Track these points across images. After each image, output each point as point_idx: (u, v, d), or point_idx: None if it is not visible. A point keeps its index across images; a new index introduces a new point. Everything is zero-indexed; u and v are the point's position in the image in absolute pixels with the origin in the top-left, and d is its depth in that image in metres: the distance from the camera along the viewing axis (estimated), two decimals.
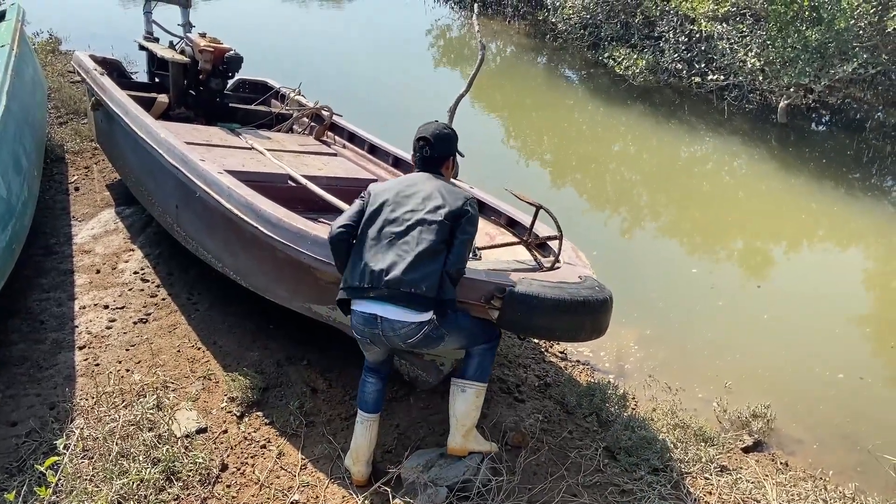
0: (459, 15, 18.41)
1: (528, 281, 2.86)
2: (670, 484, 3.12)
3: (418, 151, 3.06)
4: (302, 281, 3.38)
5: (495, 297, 2.80)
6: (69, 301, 4.29)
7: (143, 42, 6.10)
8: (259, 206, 3.32)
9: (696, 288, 5.87)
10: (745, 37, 10.67)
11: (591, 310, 2.92)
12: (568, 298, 2.84)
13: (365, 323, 2.78)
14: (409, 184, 2.96)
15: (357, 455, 3.03)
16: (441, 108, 5.30)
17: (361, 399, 3.07)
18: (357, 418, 3.08)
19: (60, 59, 9.37)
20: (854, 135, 10.80)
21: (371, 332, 2.79)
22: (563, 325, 2.90)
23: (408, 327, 2.72)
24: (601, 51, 13.31)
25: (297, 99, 6.10)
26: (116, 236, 5.16)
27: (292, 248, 3.12)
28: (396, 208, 2.83)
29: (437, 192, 2.86)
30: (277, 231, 3.19)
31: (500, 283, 2.82)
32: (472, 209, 2.85)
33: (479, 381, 2.98)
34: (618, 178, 8.96)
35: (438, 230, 2.74)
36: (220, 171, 3.74)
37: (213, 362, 3.82)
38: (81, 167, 6.35)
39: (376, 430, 3.09)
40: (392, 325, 2.73)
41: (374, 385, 3.08)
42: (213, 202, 3.59)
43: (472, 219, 2.84)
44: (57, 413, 3.27)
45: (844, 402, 4.44)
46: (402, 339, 2.76)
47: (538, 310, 2.79)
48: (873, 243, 7.54)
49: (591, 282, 3.11)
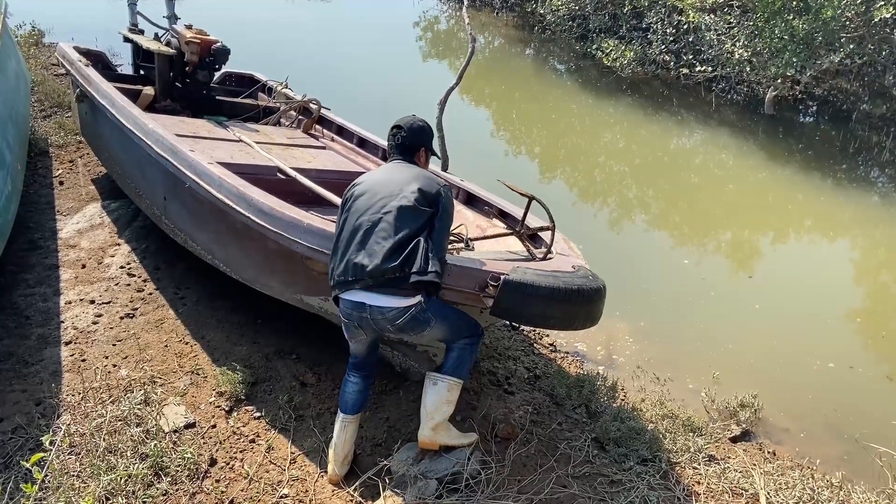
0: (447, 7, 18.36)
1: (522, 269, 2.86)
2: (659, 474, 3.13)
3: (391, 139, 3.12)
4: (293, 272, 3.37)
5: (489, 286, 2.80)
6: (55, 296, 4.25)
7: (127, 34, 6.04)
8: (251, 196, 3.30)
9: (687, 279, 5.90)
10: (732, 27, 10.70)
11: (585, 298, 2.94)
12: (563, 287, 2.85)
13: (353, 307, 2.79)
14: (384, 173, 3.00)
15: (333, 453, 3.03)
16: (429, 102, 5.27)
17: (342, 399, 3.07)
18: (337, 417, 3.07)
19: (44, 52, 9.27)
20: (841, 126, 10.86)
21: (359, 315, 2.80)
22: (557, 313, 2.91)
23: (395, 311, 2.74)
24: (589, 42, 13.32)
25: (285, 92, 6.06)
26: (102, 231, 5.11)
27: (285, 237, 3.11)
28: (373, 197, 2.85)
29: (412, 178, 2.90)
30: (270, 220, 3.17)
31: (495, 271, 2.83)
32: (445, 193, 2.90)
33: (453, 376, 2.97)
34: (607, 171, 8.97)
35: (417, 215, 2.78)
36: (210, 162, 3.71)
37: (201, 357, 3.80)
38: (66, 161, 6.29)
39: (354, 431, 3.07)
40: (381, 310, 2.75)
41: (356, 385, 3.06)
42: (204, 193, 3.56)
43: (448, 203, 2.88)
44: (43, 409, 3.24)
45: (832, 392, 4.47)
46: (390, 321, 2.77)
47: (533, 298, 2.80)
48: (860, 234, 7.59)
49: (585, 271, 3.13)
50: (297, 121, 5.90)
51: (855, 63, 10.41)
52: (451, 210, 2.92)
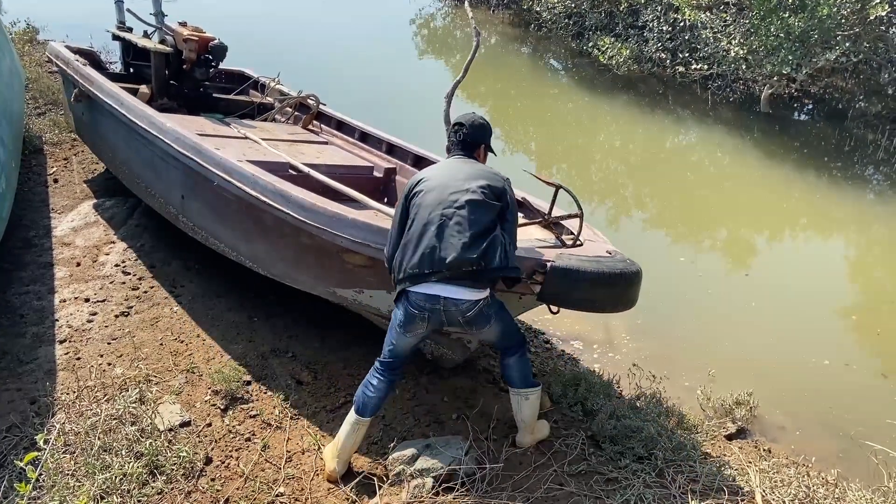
0: (443, 4, 18.33)
1: (566, 256, 2.98)
2: (655, 472, 3.13)
3: (454, 135, 3.13)
4: (327, 266, 3.40)
5: (537, 273, 2.89)
6: (49, 294, 4.23)
7: (116, 32, 6.00)
8: (290, 192, 3.33)
9: (683, 277, 5.90)
10: (728, 25, 10.70)
11: (626, 281, 3.05)
12: (606, 271, 2.96)
13: (427, 300, 2.82)
14: (449, 168, 3.01)
15: (338, 452, 2.99)
16: (426, 98, 5.27)
17: (361, 401, 2.99)
18: (348, 417, 3.01)
19: (38, 49, 9.24)
20: (836, 124, 10.88)
21: (432, 307, 2.82)
22: (601, 296, 3.02)
23: (468, 303, 2.81)
24: (585, 40, 13.31)
25: (279, 88, 6.04)
26: (97, 228, 5.10)
27: (329, 231, 3.14)
28: (443, 192, 2.86)
29: (477, 173, 2.94)
30: (312, 216, 3.20)
31: (542, 258, 2.92)
32: (509, 188, 2.97)
33: (534, 386, 3.17)
34: (603, 168, 8.98)
35: (488, 209, 2.82)
36: (240, 160, 3.73)
37: (196, 355, 3.79)
38: (60, 158, 6.27)
39: (364, 434, 3.04)
40: (455, 303, 2.81)
41: (382, 388, 2.99)
42: (236, 190, 3.57)
43: (513, 198, 2.97)
44: (38, 408, 3.23)
45: (827, 389, 4.48)
46: (462, 313, 2.83)
47: (579, 283, 2.91)
48: (856, 231, 7.61)
49: (622, 255, 3.23)
50: (294, 117, 5.89)
51: (850, 61, 10.42)
52: (516, 204, 3.01)
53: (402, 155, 4.98)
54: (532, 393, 3.14)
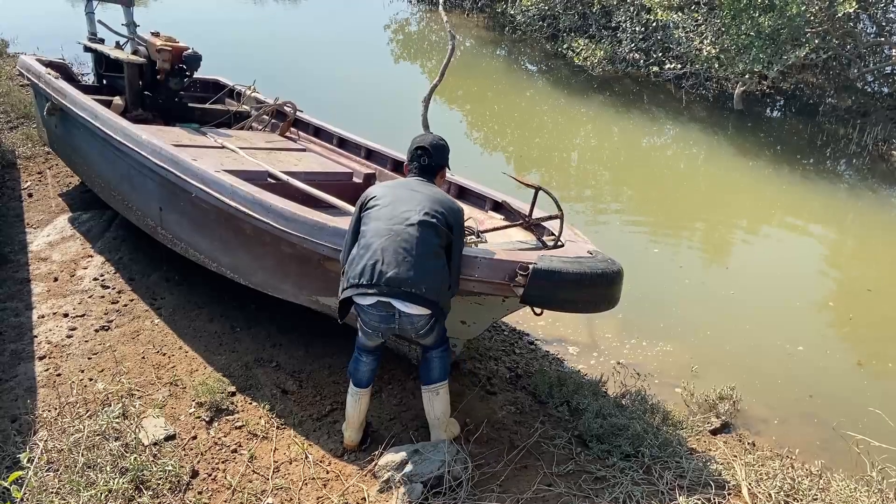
0: (418, 9, 18.35)
1: (548, 257, 2.98)
2: (642, 469, 3.16)
3: (416, 160, 3.19)
4: (309, 274, 3.41)
5: (519, 275, 2.91)
6: (27, 311, 4.17)
7: (88, 43, 5.92)
8: (269, 202, 3.34)
9: (663, 273, 5.95)
10: (700, 25, 10.83)
11: (608, 281, 3.06)
12: (588, 272, 2.97)
13: (381, 320, 2.91)
14: (407, 186, 3.08)
15: (349, 422, 3.21)
16: (401, 102, 5.27)
17: (355, 376, 3.16)
18: (349, 392, 3.18)
19: (8, 62, 9.11)
20: (808, 119, 11.05)
21: (388, 326, 2.93)
22: (584, 297, 3.04)
23: (422, 318, 2.90)
24: (560, 42, 13.40)
25: (255, 96, 6.01)
26: (74, 242, 5.03)
27: (310, 240, 3.16)
28: (396, 208, 2.93)
29: (434, 197, 3.00)
30: (293, 225, 3.21)
31: (523, 260, 2.93)
32: (461, 217, 3.04)
33: (445, 380, 3.19)
34: (580, 168, 9.04)
35: (438, 234, 2.88)
36: (217, 170, 3.71)
37: (179, 368, 3.75)
38: (34, 173, 6.18)
39: (367, 402, 3.21)
40: (410, 318, 2.89)
41: (369, 364, 3.17)
42: (214, 201, 3.55)
43: (462, 226, 3.04)
44: (19, 426, 3.18)
45: (806, 379, 4.56)
46: (416, 329, 2.94)
47: (562, 284, 2.92)
48: (829, 223, 7.74)
49: (603, 255, 3.24)
50: (271, 124, 5.86)
51: (820, 57, 10.61)
52: (464, 235, 3.09)
53: (381, 160, 4.98)
54: (442, 387, 3.18)
